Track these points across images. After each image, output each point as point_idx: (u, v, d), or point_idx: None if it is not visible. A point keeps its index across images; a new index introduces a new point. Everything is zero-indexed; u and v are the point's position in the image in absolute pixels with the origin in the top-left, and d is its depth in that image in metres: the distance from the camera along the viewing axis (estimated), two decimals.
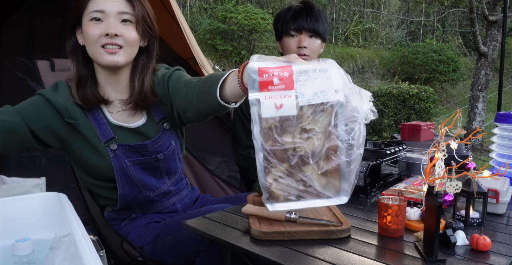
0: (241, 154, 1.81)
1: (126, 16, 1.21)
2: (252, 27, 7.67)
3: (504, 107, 7.26)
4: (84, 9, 1.21)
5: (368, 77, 9.59)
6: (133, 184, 1.32)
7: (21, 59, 2.44)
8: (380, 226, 1.05)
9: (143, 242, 1.32)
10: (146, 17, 1.26)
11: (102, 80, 1.30)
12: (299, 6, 1.77)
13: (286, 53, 1.78)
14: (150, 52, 1.33)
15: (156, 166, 1.35)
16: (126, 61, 1.25)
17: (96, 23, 1.19)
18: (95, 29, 1.19)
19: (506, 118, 1.60)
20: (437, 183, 1.05)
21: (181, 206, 1.44)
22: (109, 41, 1.19)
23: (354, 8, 11.08)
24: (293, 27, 1.74)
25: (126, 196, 1.32)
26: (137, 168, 1.31)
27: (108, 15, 1.19)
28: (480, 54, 5.83)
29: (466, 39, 11.69)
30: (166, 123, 1.36)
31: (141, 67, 1.31)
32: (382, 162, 1.45)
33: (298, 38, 1.75)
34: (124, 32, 1.21)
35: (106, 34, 1.18)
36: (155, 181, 1.36)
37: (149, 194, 1.35)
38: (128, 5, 1.22)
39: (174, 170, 1.41)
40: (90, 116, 1.27)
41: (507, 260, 0.92)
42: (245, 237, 1.02)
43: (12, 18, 2.44)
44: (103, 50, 1.20)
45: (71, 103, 1.24)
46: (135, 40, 1.24)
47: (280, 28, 1.79)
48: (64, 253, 0.75)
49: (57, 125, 1.24)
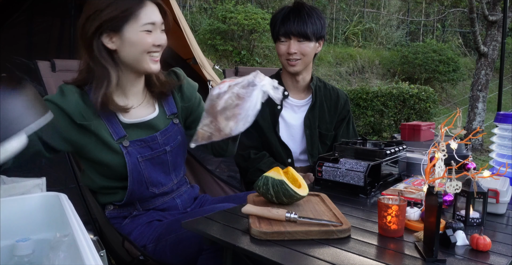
0: (241, 154, 1.81)
1: (162, 26, 1.31)
2: (252, 27, 7.66)
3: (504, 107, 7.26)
4: (134, 20, 1.24)
5: (368, 77, 9.59)
6: (141, 181, 1.34)
7: (21, 59, 2.44)
8: (380, 226, 1.05)
9: (145, 240, 1.33)
10: (169, 25, 1.35)
11: (126, 85, 1.34)
12: (289, 9, 1.73)
13: (279, 58, 1.79)
14: None
15: (165, 159, 1.39)
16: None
17: (148, 34, 1.26)
18: (149, 39, 1.26)
19: (506, 118, 1.60)
20: (437, 183, 1.05)
21: (181, 201, 1.46)
22: (156, 49, 1.29)
23: (354, 8, 11.08)
24: (281, 33, 1.72)
25: (134, 192, 1.34)
26: (148, 163, 1.35)
27: (157, 26, 1.28)
28: (480, 54, 5.83)
29: (466, 39, 11.69)
30: (176, 118, 1.44)
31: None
32: (382, 162, 1.45)
33: (288, 44, 1.72)
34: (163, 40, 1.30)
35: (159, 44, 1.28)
36: (163, 178, 1.39)
37: (154, 190, 1.38)
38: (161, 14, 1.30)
39: (180, 166, 1.47)
40: (102, 115, 1.30)
41: (507, 260, 0.92)
42: (245, 237, 1.02)
43: (12, 18, 2.45)
44: (148, 58, 1.28)
45: (82, 105, 1.26)
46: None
47: (272, 32, 1.77)
48: (65, 253, 0.75)
49: (69, 131, 1.25)
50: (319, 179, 1.50)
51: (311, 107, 1.83)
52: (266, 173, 1.23)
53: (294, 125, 1.84)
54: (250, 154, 1.79)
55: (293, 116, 1.84)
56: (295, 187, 1.21)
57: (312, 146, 1.83)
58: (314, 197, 1.33)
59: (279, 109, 1.80)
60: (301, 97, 1.86)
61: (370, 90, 6.39)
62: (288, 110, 1.84)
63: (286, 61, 1.74)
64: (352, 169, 1.42)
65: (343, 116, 1.92)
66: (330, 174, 1.47)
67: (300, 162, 1.87)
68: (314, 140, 1.84)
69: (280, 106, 1.80)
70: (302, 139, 1.85)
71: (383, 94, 6.23)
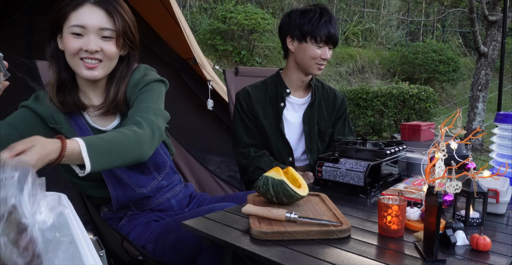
0: (241, 151, 1.82)
1: (106, 32, 1.20)
2: (252, 27, 7.67)
3: (504, 107, 7.27)
4: (65, 21, 1.19)
5: (368, 77, 9.59)
6: (124, 184, 1.33)
7: (21, 59, 2.44)
8: (380, 226, 1.05)
9: (144, 241, 1.32)
10: (127, 30, 1.25)
11: (82, 86, 1.31)
12: (319, 12, 1.71)
13: (305, 59, 1.74)
14: (130, 62, 1.34)
15: (142, 162, 1.35)
16: (105, 74, 1.26)
17: (76, 37, 1.18)
18: (75, 42, 1.18)
19: (506, 118, 1.60)
20: (437, 183, 1.05)
21: (176, 201, 1.45)
22: (88, 55, 1.19)
23: (354, 8, 11.08)
24: (325, 38, 1.69)
25: (119, 197, 1.33)
26: (124, 167, 1.32)
27: (89, 31, 1.18)
28: (480, 54, 5.83)
29: (466, 39, 11.69)
30: None
31: (119, 76, 1.31)
32: (382, 162, 1.45)
33: (324, 49, 1.72)
34: (104, 47, 1.21)
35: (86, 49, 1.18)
36: (144, 178, 1.37)
37: (143, 191, 1.36)
38: (109, 20, 1.21)
39: (162, 164, 1.42)
40: (72, 122, 1.30)
41: (507, 260, 0.92)
42: (245, 237, 1.02)
43: (12, 18, 2.44)
44: (81, 63, 1.20)
45: (54, 110, 1.27)
46: (115, 54, 1.25)
47: (305, 29, 1.70)
48: (64, 253, 0.75)
49: (44, 133, 1.23)
50: (319, 179, 1.50)
51: (310, 104, 1.84)
52: (266, 173, 1.23)
53: (294, 123, 1.85)
54: (250, 152, 1.80)
55: (293, 114, 1.85)
56: (295, 187, 1.21)
57: (311, 142, 1.84)
58: (314, 197, 1.33)
59: (283, 106, 1.81)
60: (301, 95, 1.88)
61: (370, 90, 6.39)
62: (289, 108, 1.85)
63: (316, 65, 1.75)
64: (352, 169, 1.42)
65: (340, 115, 1.95)
66: (330, 174, 1.47)
67: (299, 162, 1.88)
68: (313, 136, 1.85)
69: (283, 104, 1.82)
70: (301, 139, 1.85)
71: (383, 94, 6.24)
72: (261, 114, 1.82)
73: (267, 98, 1.84)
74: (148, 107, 1.24)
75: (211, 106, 2.80)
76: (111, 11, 1.20)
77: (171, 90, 3.11)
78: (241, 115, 1.83)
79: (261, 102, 1.83)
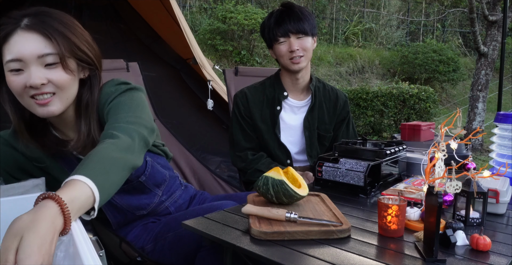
0: (238, 155, 1.81)
1: (49, 58, 1.00)
2: (252, 27, 7.67)
3: (504, 107, 7.26)
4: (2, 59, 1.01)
5: (368, 77, 9.59)
6: (123, 211, 1.31)
7: None
8: (380, 226, 1.05)
9: (142, 242, 1.32)
10: (75, 49, 1.05)
11: (53, 122, 1.18)
12: (280, 10, 1.75)
13: (280, 59, 1.76)
14: (92, 84, 1.14)
15: (141, 186, 1.31)
16: (65, 106, 1.08)
17: (16, 74, 1.00)
18: (17, 80, 1.00)
19: (506, 118, 1.60)
20: (437, 183, 1.05)
21: (175, 208, 1.43)
22: (36, 92, 1.01)
23: (354, 8, 11.08)
24: (280, 33, 1.71)
25: (120, 223, 1.33)
26: (122, 194, 1.27)
27: (27, 62, 0.99)
28: (480, 54, 5.83)
29: (466, 39, 11.69)
30: None
31: (85, 105, 1.13)
32: (382, 162, 1.45)
33: (288, 43, 1.72)
34: (51, 77, 1.01)
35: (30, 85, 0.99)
36: (145, 198, 1.34)
37: (143, 212, 1.35)
38: (48, 44, 1.00)
39: (162, 179, 1.37)
40: (57, 158, 1.20)
41: (507, 260, 0.91)
42: (245, 237, 1.02)
43: None
44: (33, 101, 1.03)
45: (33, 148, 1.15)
46: (67, 82, 1.05)
47: (268, 36, 1.77)
48: (64, 253, 0.75)
49: (27, 166, 1.20)
50: (319, 179, 1.50)
51: (311, 108, 1.82)
52: (266, 173, 1.23)
53: (293, 126, 1.83)
54: (247, 155, 1.79)
55: (292, 117, 1.84)
56: (295, 187, 1.21)
57: (311, 148, 1.83)
58: (314, 197, 1.33)
59: (279, 110, 1.80)
60: (300, 98, 1.85)
61: (370, 90, 6.39)
62: (288, 111, 1.84)
63: (289, 60, 1.74)
64: (352, 169, 1.42)
65: (343, 117, 1.92)
66: (330, 174, 1.47)
67: (299, 162, 1.87)
68: (313, 142, 1.84)
69: (279, 107, 1.80)
70: (301, 140, 1.84)
71: (383, 94, 6.24)
72: (258, 118, 1.81)
73: (265, 100, 1.83)
74: (118, 118, 1.08)
75: (211, 106, 2.80)
76: (47, 32, 1.00)
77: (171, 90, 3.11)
78: (239, 119, 1.82)
79: (258, 105, 1.82)
